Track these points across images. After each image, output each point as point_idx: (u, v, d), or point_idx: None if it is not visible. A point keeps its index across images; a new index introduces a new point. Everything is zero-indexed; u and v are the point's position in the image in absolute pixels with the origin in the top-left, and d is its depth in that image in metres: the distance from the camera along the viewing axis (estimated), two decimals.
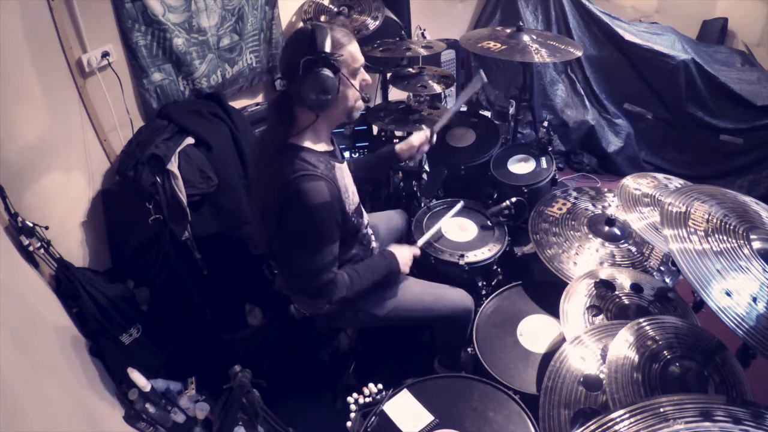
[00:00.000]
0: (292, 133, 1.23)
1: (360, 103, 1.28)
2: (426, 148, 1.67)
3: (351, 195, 1.32)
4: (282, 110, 1.24)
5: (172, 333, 1.70)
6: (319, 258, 1.22)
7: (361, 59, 1.24)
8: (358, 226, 1.37)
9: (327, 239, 1.23)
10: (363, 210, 1.45)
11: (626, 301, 1.30)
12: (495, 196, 2.08)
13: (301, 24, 2.42)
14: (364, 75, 1.28)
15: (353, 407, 1.21)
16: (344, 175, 1.31)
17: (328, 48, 1.13)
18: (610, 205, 1.72)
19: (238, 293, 1.91)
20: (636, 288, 1.33)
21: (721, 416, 0.77)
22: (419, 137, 1.65)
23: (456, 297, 1.54)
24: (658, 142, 2.97)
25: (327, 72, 1.12)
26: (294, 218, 1.20)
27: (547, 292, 1.51)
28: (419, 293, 1.52)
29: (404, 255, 1.47)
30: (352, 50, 1.21)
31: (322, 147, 1.28)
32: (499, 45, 1.99)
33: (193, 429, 1.43)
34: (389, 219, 1.81)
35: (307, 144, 1.24)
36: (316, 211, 1.16)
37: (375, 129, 2.54)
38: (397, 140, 1.66)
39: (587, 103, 3.04)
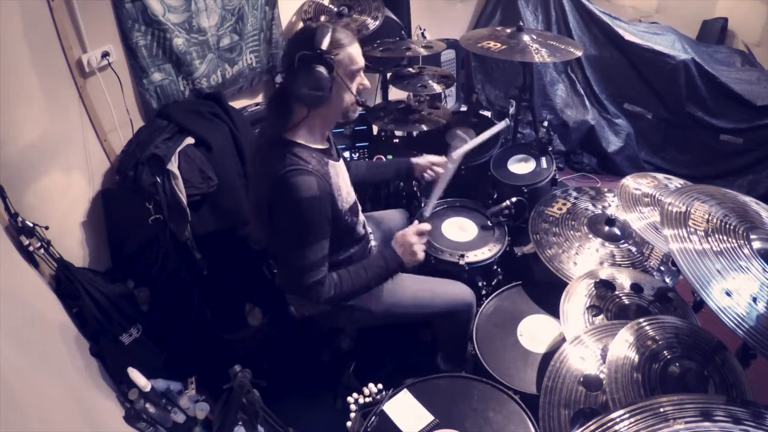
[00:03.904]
0: (288, 128, 1.24)
1: (356, 106, 1.29)
2: (441, 170, 1.66)
3: (345, 194, 1.32)
4: (279, 103, 1.25)
5: (172, 333, 1.70)
6: (308, 253, 1.22)
7: (360, 62, 1.24)
8: (352, 225, 1.37)
9: (316, 234, 1.22)
10: (359, 209, 1.45)
11: (626, 301, 1.30)
12: (495, 196, 2.07)
13: (301, 24, 2.43)
14: (363, 79, 1.28)
15: (353, 407, 1.21)
16: (338, 173, 1.31)
17: (325, 46, 1.15)
18: (610, 205, 1.72)
19: (238, 293, 1.91)
20: (636, 288, 1.33)
21: (721, 416, 0.77)
22: (437, 157, 1.69)
23: (455, 291, 1.53)
24: (658, 142, 2.97)
25: (320, 69, 1.13)
26: (283, 212, 1.20)
27: (547, 292, 1.51)
28: (417, 288, 1.51)
29: (406, 241, 1.33)
30: (352, 52, 1.22)
31: (316, 144, 1.28)
32: (499, 45, 1.99)
33: (193, 429, 1.43)
34: (389, 218, 1.81)
35: (301, 140, 1.24)
36: (304, 204, 1.16)
37: (375, 129, 2.54)
38: (416, 153, 1.69)
39: (587, 103, 3.04)
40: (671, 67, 2.72)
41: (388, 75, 2.42)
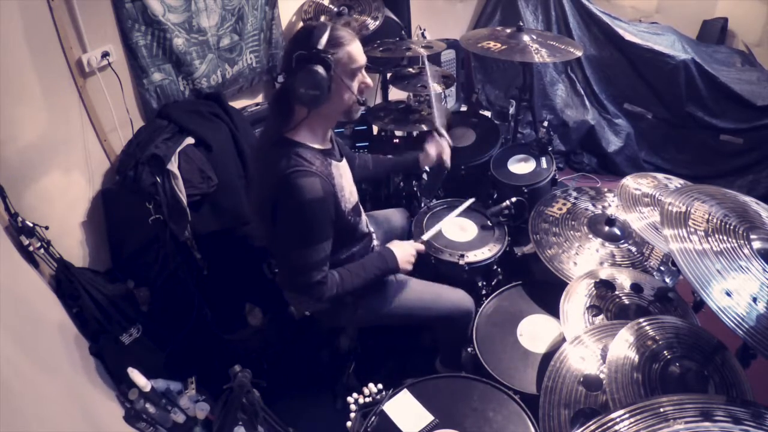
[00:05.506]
0: (288, 128, 1.24)
1: (357, 105, 1.28)
2: (445, 149, 1.74)
3: (348, 194, 1.32)
4: (280, 104, 1.25)
5: (172, 333, 1.70)
6: (311, 254, 1.22)
7: (360, 60, 1.24)
8: (354, 225, 1.37)
9: (319, 235, 1.23)
10: (361, 209, 1.45)
11: (626, 301, 1.30)
12: (495, 196, 2.08)
13: (301, 24, 2.43)
14: (364, 78, 1.27)
15: (353, 407, 1.21)
16: (341, 174, 1.31)
17: (322, 45, 1.15)
18: (610, 205, 1.72)
19: (238, 293, 1.91)
20: (636, 288, 1.33)
21: (721, 416, 0.77)
22: (433, 146, 1.73)
23: (456, 297, 1.54)
24: (658, 142, 2.97)
25: (317, 68, 1.13)
26: (286, 213, 1.20)
27: (547, 292, 1.51)
28: (419, 292, 1.52)
29: (405, 251, 1.43)
30: (351, 50, 1.21)
31: (319, 144, 1.28)
32: (499, 45, 1.99)
33: (193, 429, 1.43)
34: (390, 218, 1.81)
35: (304, 140, 1.24)
36: (308, 206, 1.17)
37: (375, 129, 2.54)
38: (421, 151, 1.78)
39: (587, 103, 3.04)
40: (671, 67, 2.72)
41: (388, 75, 2.42)
